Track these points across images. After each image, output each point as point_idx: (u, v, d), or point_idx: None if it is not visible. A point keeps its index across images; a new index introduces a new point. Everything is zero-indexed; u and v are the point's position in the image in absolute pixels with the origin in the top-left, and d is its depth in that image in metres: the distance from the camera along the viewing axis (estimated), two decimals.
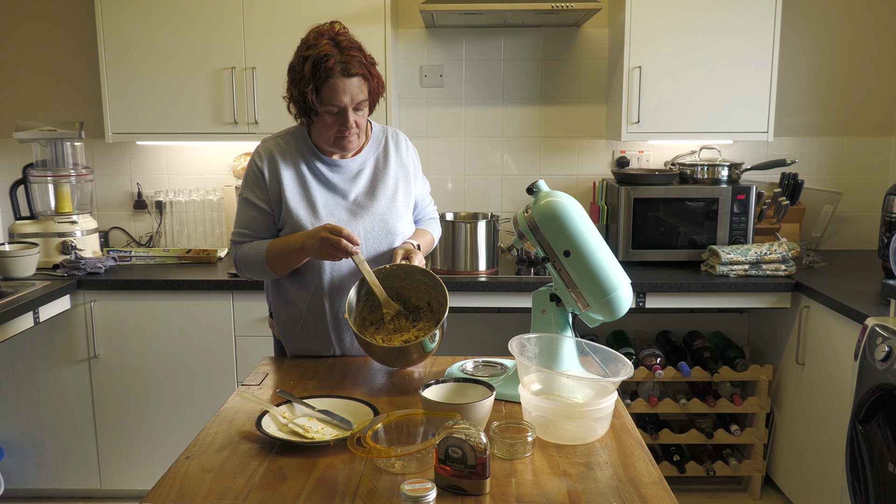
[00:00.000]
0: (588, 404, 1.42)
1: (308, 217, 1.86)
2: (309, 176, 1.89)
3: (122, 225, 3.46)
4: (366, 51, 1.81)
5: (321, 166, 1.90)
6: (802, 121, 3.38)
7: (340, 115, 1.78)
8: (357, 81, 1.76)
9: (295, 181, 1.88)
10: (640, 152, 3.38)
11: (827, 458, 2.57)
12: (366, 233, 1.88)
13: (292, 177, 1.88)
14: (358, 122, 1.81)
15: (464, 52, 3.35)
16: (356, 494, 1.23)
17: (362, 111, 1.81)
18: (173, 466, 1.33)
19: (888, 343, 2.07)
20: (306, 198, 1.87)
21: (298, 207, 1.86)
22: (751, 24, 2.94)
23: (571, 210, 1.54)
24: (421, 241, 1.98)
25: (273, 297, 1.98)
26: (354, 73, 1.74)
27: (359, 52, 1.77)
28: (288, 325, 1.96)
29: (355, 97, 1.76)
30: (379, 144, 1.97)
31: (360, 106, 1.79)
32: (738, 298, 2.84)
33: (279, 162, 1.87)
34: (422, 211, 2.12)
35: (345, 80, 1.74)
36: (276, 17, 2.96)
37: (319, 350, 1.94)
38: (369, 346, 1.70)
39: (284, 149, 1.90)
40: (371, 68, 1.80)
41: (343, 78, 1.73)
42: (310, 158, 1.90)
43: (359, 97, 1.77)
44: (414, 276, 1.82)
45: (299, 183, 1.88)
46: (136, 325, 2.89)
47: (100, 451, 2.99)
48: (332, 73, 1.72)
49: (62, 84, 3.36)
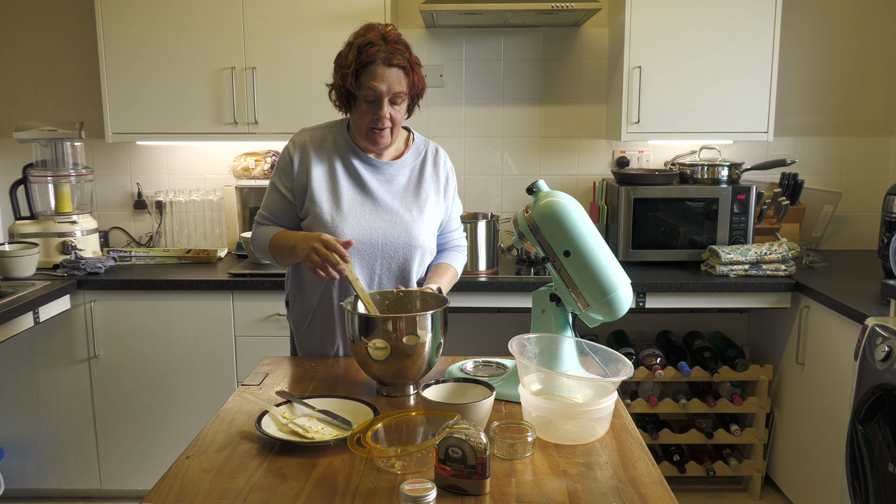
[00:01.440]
0: (588, 404, 1.42)
1: (330, 210, 1.87)
2: (340, 170, 1.90)
3: (122, 225, 3.46)
4: (412, 51, 1.84)
5: (356, 162, 1.91)
6: (802, 121, 3.38)
7: (375, 104, 1.80)
8: (397, 72, 1.79)
9: (324, 173, 1.89)
10: (640, 152, 3.38)
11: (827, 458, 2.57)
12: (385, 238, 1.87)
13: (322, 168, 1.90)
14: (393, 115, 1.82)
15: (464, 52, 3.35)
16: (356, 494, 1.23)
17: (399, 105, 1.83)
18: (173, 466, 1.33)
19: (888, 343, 2.07)
20: (333, 190, 1.88)
21: (323, 199, 1.88)
22: (751, 24, 2.94)
23: (571, 210, 1.54)
24: (442, 281, 1.93)
25: (290, 286, 2.01)
26: (396, 63, 1.78)
27: (405, 48, 1.81)
28: (300, 316, 1.98)
29: (392, 87, 1.79)
30: (419, 155, 1.97)
31: (396, 98, 1.81)
32: (738, 298, 2.84)
33: (311, 153, 1.90)
34: (448, 236, 2.07)
35: (385, 69, 1.77)
36: (276, 17, 2.96)
37: (324, 345, 1.95)
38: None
39: (320, 140, 1.93)
40: (414, 66, 1.83)
41: (383, 66, 1.77)
42: (345, 153, 1.91)
43: (396, 88, 1.79)
44: (417, 304, 1.77)
45: (328, 175, 1.89)
46: (136, 325, 2.89)
47: (100, 451, 2.99)
48: (374, 59, 1.76)
49: (62, 84, 3.36)
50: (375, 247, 1.88)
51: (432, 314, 1.59)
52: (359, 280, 1.73)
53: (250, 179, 3.27)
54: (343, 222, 1.86)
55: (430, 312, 1.59)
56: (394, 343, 1.56)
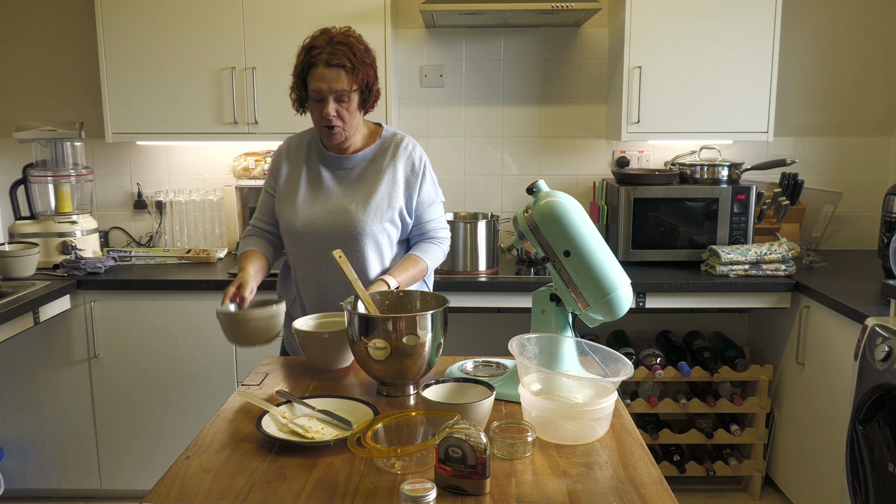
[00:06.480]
0: (588, 404, 1.42)
1: (288, 210, 1.99)
2: (305, 169, 2.01)
3: (122, 225, 3.46)
4: (361, 49, 1.89)
5: (319, 160, 2.02)
6: (802, 121, 3.38)
7: (322, 103, 1.88)
8: (337, 72, 1.85)
9: (290, 174, 2.02)
10: (640, 152, 3.38)
11: (827, 458, 2.57)
12: (327, 229, 1.95)
13: (289, 169, 2.03)
14: (341, 113, 1.89)
15: (464, 52, 3.35)
16: (356, 494, 1.23)
17: (347, 103, 1.89)
18: (173, 466, 1.33)
19: (888, 343, 2.07)
20: (292, 186, 2.00)
21: (284, 199, 2.01)
22: (751, 24, 2.94)
23: (571, 210, 1.54)
24: (402, 274, 1.94)
25: (280, 282, 2.15)
26: (335, 63, 1.84)
27: (348, 48, 1.85)
28: (286, 316, 2.01)
29: (333, 86, 1.85)
30: (380, 148, 2.01)
31: (341, 97, 1.87)
32: (738, 298, 2.84)
33: (291, 155, 2.04)
34: (422, 227, 2.06)
35: (325, 69, 1.85)
36: (276, 17, 2.96)
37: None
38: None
39: (298, 143, 2.06)
40: (359, 65, 1.87)
41: (324, 67, 1.85)
42: (313, 153, 2.02)
43: (337, 87, 1.85)
44: (417, 304, 1.77)
45: (293, 175, 2.01)
46: (136, 325, 2.89)
47: (100, 451, 2.99)
48: (315, 61, 1.85)
49: (62, 84, 3.36)
50: (318, 237, 1.96)
51: (432, 314, 1.59)
52: (358, 280, 1.74)
53: (250, 179, 3.27)
54: (293, 215, 1.98)
55: (430, 312, 1.59)
56: (394, 343, 1.56)
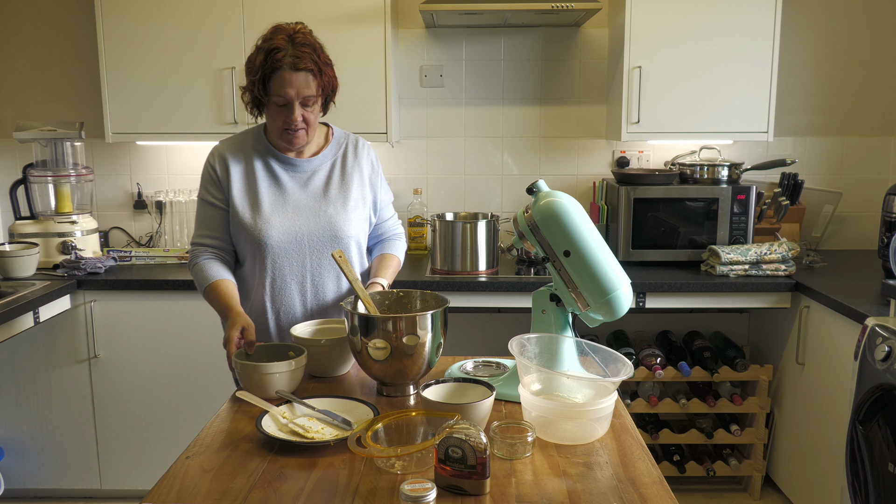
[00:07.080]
0: (588, 404, 1.42)
1: (250, 214, 1.89)
2: (260, 173, 1.92)
3: (122, 225, 3.46)
4: (323, 52, 1.85)
5: (275, 164, 1.93)
6: (802, 121, 3.38)
7: (287, 108, 1.82)
8: (304, 76, 1.79)
9: (243, 177, 1.92)
10: (640, 152, 3.38)
11: (827, 458, 2.57)
12: (310, 235, 1.90)
13: (241, 173, 1.92)
14: (306, 117, 1.84)
15: (464, 52, 3.35)
16: (356, 494, 1.23)
17: (311, 107, 1.84)
18: (173, 466, 1.33)
19: (888, 343, 2.07)
20: (252, 195, 1.90)
21: (243, 204, 1.90)
22: (750, 23, 2.94)
23: (571, 210, 1.54)
24: (387, 273, 1.97)
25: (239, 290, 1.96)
26: (303, 67, 1.78)
27: (312, 50, 1.81)
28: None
29: (301, 91, 1.80)
30: (339, 148, 1.99)
31: (307, 101, 1.82)
32: (738, 298, 2.84)
33: (230, 160, 1.92)
34: (384, 226, 2.09)
35: (292, 74, 1.78)
36: (276, 17, 2.92)
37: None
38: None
39: (237, 147, 1.94)
40: (323, 67, 1.83)
41: (290, 71, 1.78)
42: (264, 155, 1.93)
43: (305, 91, 1.80)
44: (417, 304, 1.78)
45: (247, 179, 1.91)
46: (136, 325, 2.89)
47: (100, 451, 2.99)
48: (280, 64, 1.77)
49: (62, 84, 3.36)
50: (302, 245, 1.90)
51: (432, 314, 1.59)
52: (358, 280, 1.74)
53: None
54: (266, 225, 1.88)
55: (430, 312, 1.59)
56: (394, 343, 1.56)
